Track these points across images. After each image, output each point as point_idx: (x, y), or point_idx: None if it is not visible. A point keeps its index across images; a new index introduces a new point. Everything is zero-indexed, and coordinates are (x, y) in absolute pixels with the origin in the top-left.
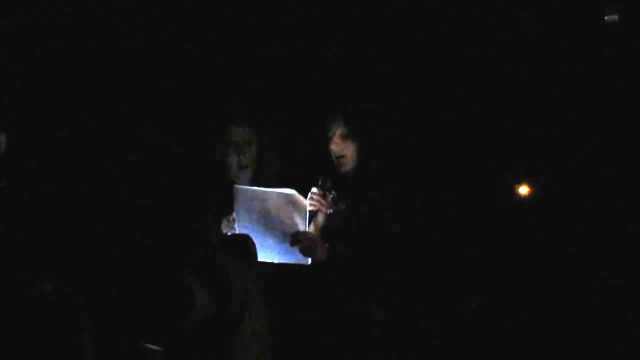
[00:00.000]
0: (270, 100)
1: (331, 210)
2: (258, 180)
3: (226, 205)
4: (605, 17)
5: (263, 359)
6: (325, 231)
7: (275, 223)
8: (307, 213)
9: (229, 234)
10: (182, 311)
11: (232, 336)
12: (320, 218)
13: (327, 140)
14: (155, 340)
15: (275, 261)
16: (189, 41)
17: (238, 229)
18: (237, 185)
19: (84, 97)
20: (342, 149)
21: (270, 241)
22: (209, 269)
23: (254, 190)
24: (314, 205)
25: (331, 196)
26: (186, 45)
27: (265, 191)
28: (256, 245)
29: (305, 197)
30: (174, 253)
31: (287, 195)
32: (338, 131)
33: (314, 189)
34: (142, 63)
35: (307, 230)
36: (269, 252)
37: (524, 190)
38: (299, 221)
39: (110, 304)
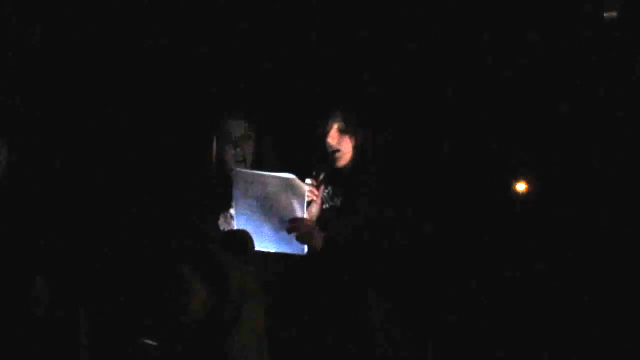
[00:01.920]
0: (268, 95)
1: (327, 205)
2: None
3: (224, 201)
4: (604, 14)
5: (261, 353)
6: (320, 224)
7: (273, 208)
8: (306, 199)
9: (226, 229)
10: (180, 307)
11: (230, 331)
12: (314, 209)
13: (324, 134)
14: (153, 335)
15: (272, 250)
16: (186, 36)
17: (235, 215)
18: (236, 169)
19: (81, 94)
20: (339, 143)
21: (267, 229)
22: (207, 265)
23: (253, 173)
24: (308, 196)
25: (327, 191)
26: (183, 40)
27: (265, 174)
28: (252, 233)
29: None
30: (172, 248)
31: (286, 179)
32: (335, 125)
33: (307, 180)
34: (139, 58)
35: (304, 216)
36: (265, 241)
37: (521, 187)
38: (297, 207)
39: (108, 299)
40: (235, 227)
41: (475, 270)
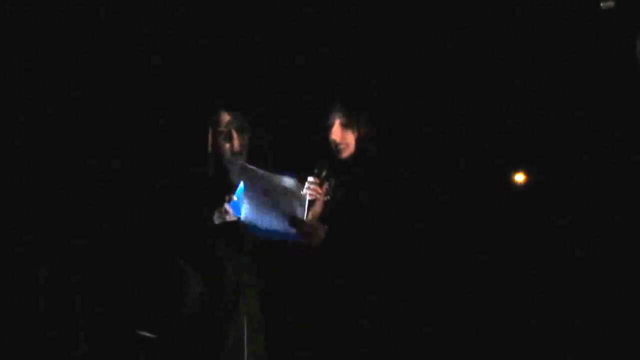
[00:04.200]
0: (264, 87)
1: (329, 197)
2: None
3: (220, 195)
4: (601, 4)
5: (257, 344)
6: (322, 217)
7: (275, 204)
8: (307, 203)
9: (222, 222)
10: (176, 299)
11: (226, 322)
12: (318, 207)
13: (327, 129)
14: (150, 327)
15: (276, 229)
16: (182, 28)
17: (240, 201)
18: (243, 164)
19: (77, 89)
20: (342, 137)
21: (270, 217)
22: (203, 258)
23: (260, 172)
24: (312, 195)
25: (329, 183)
26: (180, 33)
27: (270, 175)
28: (255, 219)
29: (303, 185)
30: (168, 242)
31: (287, 185)
32: (338, 120)
33: (310, 178)
34: (135, 51)
35: (304, 218)
36: (270, 223)
37: (519, 177)
38: (296, 208)
39: (105, 292)
40: (244, 204)
41: (474, 261)
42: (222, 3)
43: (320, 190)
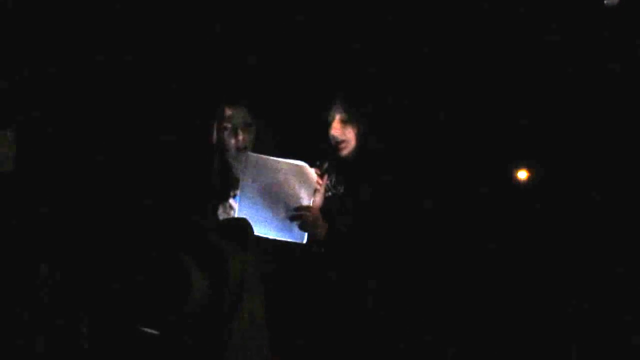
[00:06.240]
0: (268, 82)
1: (329, 194)
2: None
3: (224, 190)
4: (605, 1)
5: (261, 342)
6: (323, 213)
7: (280, 195)
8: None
9: (226, 218)
10: (179, 296)
11: (230, 320)
12: (318, 198)
13: (327, 125)
14: (152, 324)
15: (271, 237)
16: (187, 23)
17: (240, 199)
18: (249, 153)
19: (80, 83)
20: (343, 134)
21: (270, 215)
22: (206, 254)
23: (266, 158)
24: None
25: (330, 179)
26: (184, 27)
27: (277, 161)
28: (254, 218)
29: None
30: (172, 237)
31: (299, 166)
32: (338, 116)
33: (311, 169)
34: (138, 46)
35: (311, 205)
36: (265, 227)
37: (522, 174)
38: (304, 195)
39: (107, 288)
40: (238, 211)
41: (476, 258)
42: (227, 3)
43: (321, 182)
